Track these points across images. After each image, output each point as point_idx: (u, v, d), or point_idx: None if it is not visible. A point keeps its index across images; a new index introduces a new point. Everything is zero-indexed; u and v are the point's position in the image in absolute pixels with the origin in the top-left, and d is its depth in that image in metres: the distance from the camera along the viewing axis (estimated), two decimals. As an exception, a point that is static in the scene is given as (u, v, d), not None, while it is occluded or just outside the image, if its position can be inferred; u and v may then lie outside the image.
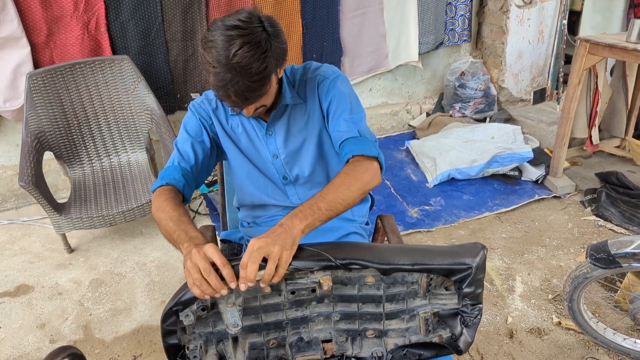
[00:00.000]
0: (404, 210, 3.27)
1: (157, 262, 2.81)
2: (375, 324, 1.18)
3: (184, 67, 3.32)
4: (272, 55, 1.22)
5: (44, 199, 2.55)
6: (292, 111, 1.49)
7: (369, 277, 1.12)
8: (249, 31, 1.18)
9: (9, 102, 2.91)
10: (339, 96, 1.45)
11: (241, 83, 1.19)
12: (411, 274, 1.12)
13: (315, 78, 1.48)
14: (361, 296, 1.14)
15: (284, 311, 1.15)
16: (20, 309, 2.50)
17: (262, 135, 1.51)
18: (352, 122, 1.40)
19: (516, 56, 4.29)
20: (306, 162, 1.54)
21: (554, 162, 3.43)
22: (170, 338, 1.12)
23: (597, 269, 1.97)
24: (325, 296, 1.13)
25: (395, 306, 1.15)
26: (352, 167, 1.30)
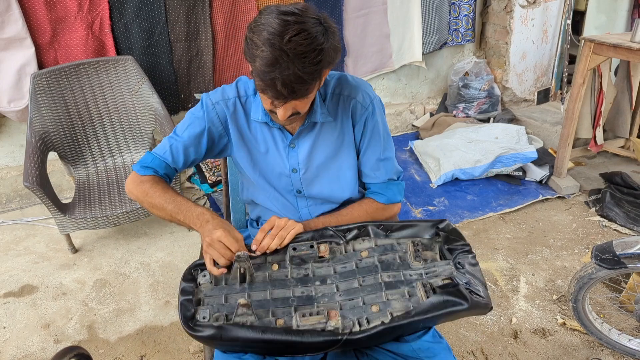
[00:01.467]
0: (408, 210, 3.26)
1: (161, 262, 2.82)
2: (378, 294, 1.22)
3: (187, 67, 3.33)
4: (328, 49, 1.16)
5: (49, 200, 2.55)
6: (320, 127, 1.42)
7: (363, 251, 1.31)
8: (306, 20, 1.13)
9: (14, 102, 2.91)
10: (373, 130, 1.44)
11: (292, 71, 1.10)
12: (400, 243, 1.33)
13: (350, 99, 1.41)
14: (360, 269, 1.27)
15: (291, 289, 1.23)
16: (25, 309, 2.50)
17: (284, 147, 1.43)
18: (383, 165, 1.48)
19: (520, 56, 4.28)
20: (326, 181, 1.48)
21: (558, 163, 3.42)
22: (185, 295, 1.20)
23: (602, 269, 1.96)
24: (327, 276, 1.26)
25: (392, 273, 1.26)
26: (375, 209, 1.50)
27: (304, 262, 1.30)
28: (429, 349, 1.28)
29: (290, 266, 1.29)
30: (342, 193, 1.51)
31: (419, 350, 1.28)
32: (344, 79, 1.43)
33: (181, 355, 2.21)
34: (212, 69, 3.38)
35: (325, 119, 1.39)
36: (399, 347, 1.28)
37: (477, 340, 2.25)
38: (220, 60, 3.39)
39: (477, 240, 2.97)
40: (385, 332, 1.13)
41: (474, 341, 2.25)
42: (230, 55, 3.41)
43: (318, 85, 1.22)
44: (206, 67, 3.35)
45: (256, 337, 1.09)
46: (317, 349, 1.12)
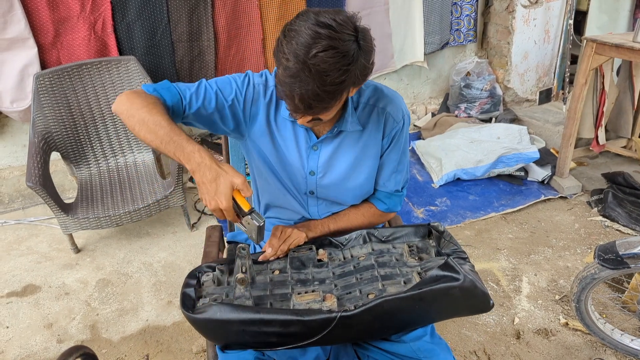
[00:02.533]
0: (410, 210, 3.26)
1: (163, 262, 2.82)
2: (374, 285, 1.24)
3: (189, 67, 3.33)
4: (354, 70, 1.11)
5: (51, 199, 2.56)
6: (346, 134, 1.40)
7: (361, 255, 1.36)
8: (340, 36, 1.07)
9: (16, 102, 2.92)
10: (397, 145, 1.45)
11: (311, 88, 1.08)
12: (395, 247, 1.38)
13: (385, 112, 1.39)
14: (357, 269, 1.31)
15: (290, 286, 1.26)
16: (28, 308, 2.51)
17: (306, 147, 1.40)
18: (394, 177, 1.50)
19: (522, 56, 4.28)
20: (342, 187, 1.46)
21: (560, 163, 3.42)
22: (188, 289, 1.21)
23: (605, 269, 1.96)
24: (326, 278, 1.29)
25: (389, 269, 1.30)
26: (372, 213, 1.53)
27: (303, 265, 1.32)
28: (428, 350, 1.28)
29: (291, 270, 1.32)
30: (354, 199, 1.52)
31: (418, 350, 1.28)
32: (379, 90, 1.41)
33: (184, 355, 2.21)
34: (214, 69, 3.38)
35: (354, 128, 1.37)
36: (398, 348, 1.29)
37: (479, 341, 2.25)
38: (222, 60, 3.39)
39: (479, 240, 2.97)
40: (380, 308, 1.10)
41: (477, 341, 2.25)
42: (232, 56, 3.41)
43: (339, 103, 1.19)
44: (208, 67, 3.35)
45: (252, 317, 1.08)
46: (314, 329, 1.10)
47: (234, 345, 1.21)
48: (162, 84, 1.31)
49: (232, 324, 1.08)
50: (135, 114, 1.19)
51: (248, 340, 1.15)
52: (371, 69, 1.18)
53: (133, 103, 1.21)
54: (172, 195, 2.84)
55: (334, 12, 1.11)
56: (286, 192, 1.49)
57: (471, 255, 2.84)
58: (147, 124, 1.17)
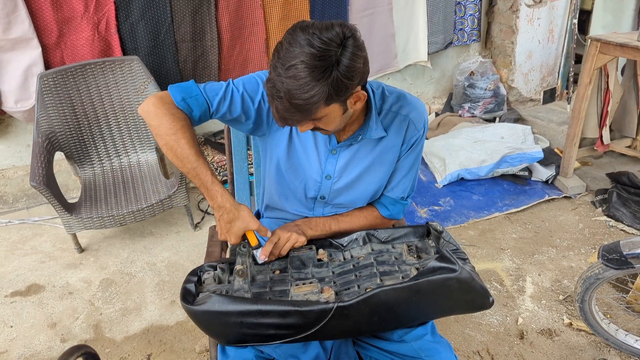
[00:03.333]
0: (413, 210, 3.26)
1: (166, 262, 2.82)
2: (373, 280, 1.25)
3: (193, 67, 3.33)
4: (327, 85, 1.09)
5: (55, 199, 2.56)
6: (366, 140, 1.40)
7: (361, 256, 1.36)
8: (321, 53, 1.07)
9: (20, 102, 2.93)
10: (412, 152, 1.45)
11: (284, 100, 1.11)
12: (394, 247, 1.39)
13: (407, 118, 1.39)
14: (357, 268, 1.32)
15: (290, 283, 1.27)
16: (32, 308, 2.51)
17: (325, 151, 1.41)
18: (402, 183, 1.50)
19: (526, 56, 4.27)
20: (356, 193, 1.48)
21: (565, 162, 3.40)
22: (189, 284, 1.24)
23: (609, 269, 1.96)
24: (325, 277, 1.30)
25: (388, 267, 1.31)
26: (374, 217, 1.53)
27: (304, 265, 1.34)
28: (430, 349, 1.28)
29: (291, 270, 1.34)
30: (362, 202, 1.52)
31: (419, 349, 1.28)
32: (403, 96, 1.41)
33: (187, 355, 2.21)
34: (218, 69, 3.38)
35: (379, 135, 1.37)
36: (399, 348, 1.29)
37: (483, 341, 2.25)
38: (226, 60, 3.39)
39: (483, 240, 2.97)
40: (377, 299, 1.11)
41: (480, 341, 2.24)
42: (235, 55, 3.42)
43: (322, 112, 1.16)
44: (212, 67, 3.36)
45: (250, 309, 1.10)
46: (311, 320, 1.11)
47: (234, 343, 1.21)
48: (189, 89, 1.31)
49: (230, 315, 1.10)
50: (163, 136, 1.25)
51: (246, 333, 1.15)
52: (352, 85, 1.14)
53: (162, 123, 1.25)
54: (176, 195, 2.84)
55: (337, 25, 1.11)
56: (292, 195, 1.50)
57: (475, 255, 2.84)
58: (175, 153, 1.25)
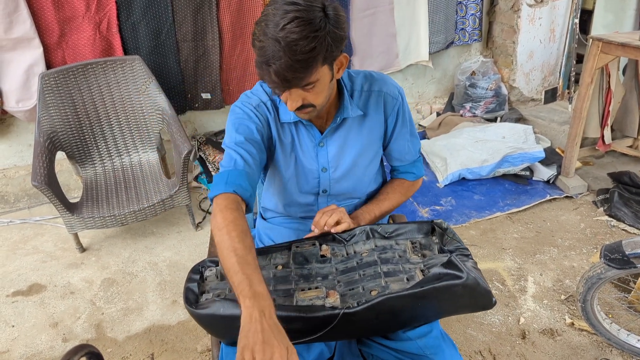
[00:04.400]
0: (415, 210, 3.26)
1: (168, 261, 2.82)
2: (377, 281, 1.23)
3: (194, 67, 3.33)
4: (325, 37, 1.13)
5: (57, 199, 2.56)
6: (349, 124, 1.43)
7: (364, 252, 1.34)
8: (306, 8, 1.11)
9: (22, 102, 2.93)
10: (403, 119, 1.50)
11: (283, 60, 1.10)
12: (398, 243, 1.37)
13: (381, 93, 1.45)
14: (360, 265, 1.30)
15: (293, 282, 1.25)
16: (33, 307, 2.51)
17: (313, 146, 1.44)
18: (412, 147, 1.57)
19: (527, 55, 4.27)
20: (355, 178, 1.51)
21: (566, 162, 3.40)
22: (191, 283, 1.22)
23: (611, 269, 1.95)
24: (329, 273, 1.28)
25: (392, 266, 1.28)
26: (407, 187, 1.62)
27: (306, 261, 1.32)
28: (435, 346, 1.28)
29: (294, 266, 1.31)
30: (366, 188, 1.57)
31: (424, 347, 1.28)
32: (370, 75, 1.46)
33: (189, 354, 2.21)
34: (219, 68, 3.38)
35: (356, 113, 1.41)
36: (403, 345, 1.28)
37: (484, 340, 2.24)
38: (227, 59, 3.39)
39: (485, 240, 2.96)
40: (383, 305, 1.09)
41: (482, 341, 2.24)
42: (237, 55, 3.42)
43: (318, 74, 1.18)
44: (213, 66, 3.36)
45: None
46: (316, 325, 1.09)
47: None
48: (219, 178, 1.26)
49: (234, 319, 1.06)
50: (219, 241, 1.14)
51: None
52: (344, 37, 1.20)
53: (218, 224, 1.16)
54: (177, 195, 2.84)
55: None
56: (300, 195, 1.52)
57: (476, 255, 2.83)
58: (222, 255, 1.11)
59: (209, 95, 3.45)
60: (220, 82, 3.43)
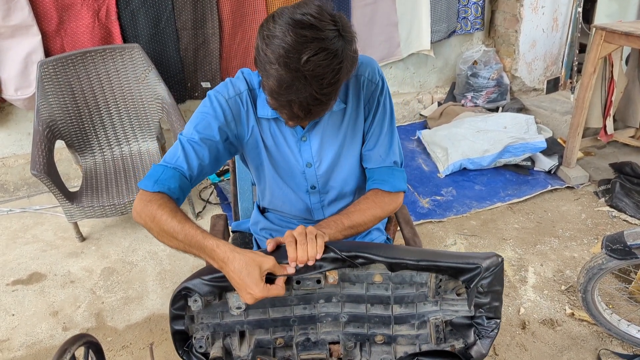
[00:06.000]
0: (415, 200, 3.25)
1: (168, 251, 2.82)
2: (384, 329, 1.15)
3: (194, 55, 3.31)
4: (346, 65, 1.08)
5: (56, 188, 2.55)
6: (332, 117, 1.35)
7: (377, 275, 1.11)
8: (324, 34, 1.03)
9: (20, 90, 2.91)
10: (383, 109, 1.38)
11: (309, 93, 1.04)
12: (420, 274, 1.11)
13: (360, 78, 1.34)
14: (369, 296, 1.13)
15: (292, 307, 1.14)
16: (33, 296, 2.51)
17: (295, 141, 1.37)
18: (388, 146, 1.41)
19: (530, 45, 4.23)
20: (342, 171, 1.43)
21: (568, 152, 3.39)
22: (177, 323, 1.12)
23: (612, 260, 1.95)
24: (332, 295, 1.13)
25: (405, 310, 1.14)
26: (381, 198, 1.38)
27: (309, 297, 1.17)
28: None
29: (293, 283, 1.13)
30: (355, 182, 1.47)
31: None
32: None
33: (189, 344, 2.21)
34: (219, 57, 3.36)
35: (339, 107, 1.33)
36: None
37: (484, 331, 2.24)
38: (227, 48, 3.37)
39: (485, 230, 2.96)
40: None
41: (482, 331, 2.24)
42: (237, 44, 3.39)
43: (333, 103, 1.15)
44: (213, 55, 3.33)
45: None
46: None
47: None
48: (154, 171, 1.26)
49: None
50: (152, 228, 1.19)
51: None
52: (357, 57, 1.13)
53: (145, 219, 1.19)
54: (177, 184, 2.83)
55: (304, 4, 1.07)
56: (290, 192, 1.46)
57: (477, 245, 2.83)
58: (164, 235, 1.17)
59: (208, 84, 3.43)
60: (220, 71, 3.41)
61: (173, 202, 1.22)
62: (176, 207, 1.20)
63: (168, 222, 1.15)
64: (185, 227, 1.14)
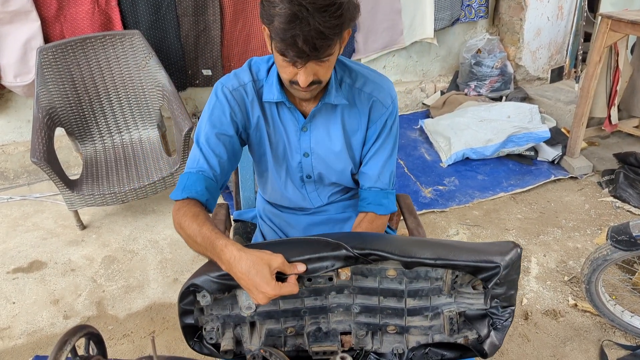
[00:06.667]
0: (418, 190, 3.23)
1: (169, 239, 2.81)
2: (397, 320, 1.13)
3: (195, 42, 3.27)
4: (347, 6, 1.07)
5: (56, 176, 2.53)
6: (335, 112, 1.36)
7: (391, 270, 1.08)
8: None
9: (20, 77, 2.88)
10: (389, 132, 1.40)
11: (313, 26, 1.03)
12: (435, 269, 1.07)
13: (372, 98, 1.35)
14: (382, 289, 1.10)
15: (302, 299, 1.12)
16: (34, 284, 2.50)
17: (295, 130, 1.37)
18: (387, 169, 1.42)
19: (534, 33, 4.19)
20: (337, 167, 1.43)
21: (571, 142, 3.36)
22: (186, 318, 1.09)
23: (617, 251, 1.93)
24: (344, 287, 1.10)
25: (418, 302, 1.11)
26: (377, 222, 1.42)
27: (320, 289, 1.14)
28: None
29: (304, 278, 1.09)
30: (347, 179, 1.48)
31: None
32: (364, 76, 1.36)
33: (190, 333, 2.21)
34: (220, 44, 3.32)
35: (340, 102, 1.32)
36: None
37: (487, 321, 2.23)
38: (229, 35, 3.33)
39: (488, 220, 2.94)
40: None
41: (484, 322, 2.23)
42: (238, 31, 3.35)
43: (339, 45, 1.15)
44: (214, 42, 3.30)
45: None
46: None
47: None
48: (181, 179, 1.29)
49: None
50: (182, 235, 1.19)
51: None
52: (358, 5, 1.13)
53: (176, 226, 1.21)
54: (178, 172, 2.81)
55: None
56: (288, 180, 1.47)
57: (479, 235, 2.82)
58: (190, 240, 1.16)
59: (209, 71, 3.40)
60: (221, 59, 3.38)
61: (199, 206, 1.23)
62: (200, 211, 1.20)
63: (190, 225, 1.15)
64: (202, 229, 1.12)
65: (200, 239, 1.11)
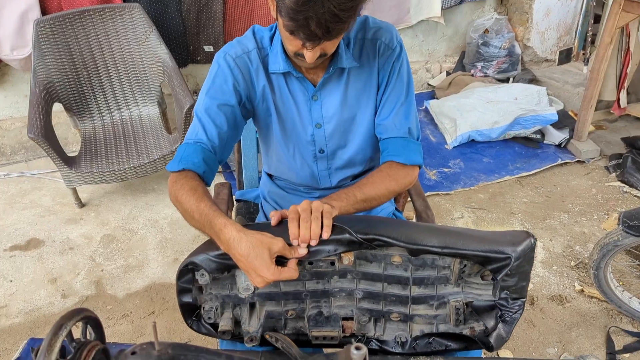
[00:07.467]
0: (422, 172, 3.17)
1: (169, 219, 2.76)
2: (401, 307, 1.08)
3: (196, 17, 3.18)
4: None
5: (54, 152, 2.48)
6: (345, 75, 1.29)
7: (396, 256, 1.03)
8: None
9: (17, 50, 2.81)
10: (399, 74, 1.31)
11: (327, 8, 0.98)
12: (442, 257, 1.02)
13: (377, 42, 1.28)
14: (386, 276, 1.06)
15: (304, 282, 1.08)
16: (31, 263, 2.46)
17: (305, 100, 1.31)
18: (404, 116, 1.32)
19: (544, 13, 4.09)
20: (353, 137, 1.36)
21: (579, 126, 3.30)
22: (184, 296, 1.06)
23: (629, 236, 1.89)
24: (347, 271, 1.06)
25: (424, 290, 1.07)
26: (395, 170, 1.29)
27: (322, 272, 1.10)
28: None
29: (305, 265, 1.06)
30: (365, 151, 1.40)
31: None
32: (366, 22, 1.30)
33: (190, 313, 2.17)
34: (222, 20, 3.23)
35: (351, 64, 1.26)
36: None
37: (492, 306, 2.20)
38: (231, 10, 3.24)
39: (493, 204, 2.89)
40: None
41: (489, 306, 2.20)
42: (241, 6, 3.26)
43: (352, 23, 1.09)
44: (216, 17, 3.21)
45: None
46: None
47: None
48: (179, 151, 1.23)
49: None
50: (178, 209, 1.15)
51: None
52: None
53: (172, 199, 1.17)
54: (178, 151, 2.75)
55: None
56: (298, 155, 1.40)
57: (484, 219, 2.77)
58: (186, 215, 1.12)
59: (211, 47, 3.32)
60: (223, 35, 3.29)
61: (197, 179, 1.17)
62: (198, 184, 1.15)
63: (187, 200, 1.10)
64: (200, 205, 1.07)
65: (198, 215, 1.06)
